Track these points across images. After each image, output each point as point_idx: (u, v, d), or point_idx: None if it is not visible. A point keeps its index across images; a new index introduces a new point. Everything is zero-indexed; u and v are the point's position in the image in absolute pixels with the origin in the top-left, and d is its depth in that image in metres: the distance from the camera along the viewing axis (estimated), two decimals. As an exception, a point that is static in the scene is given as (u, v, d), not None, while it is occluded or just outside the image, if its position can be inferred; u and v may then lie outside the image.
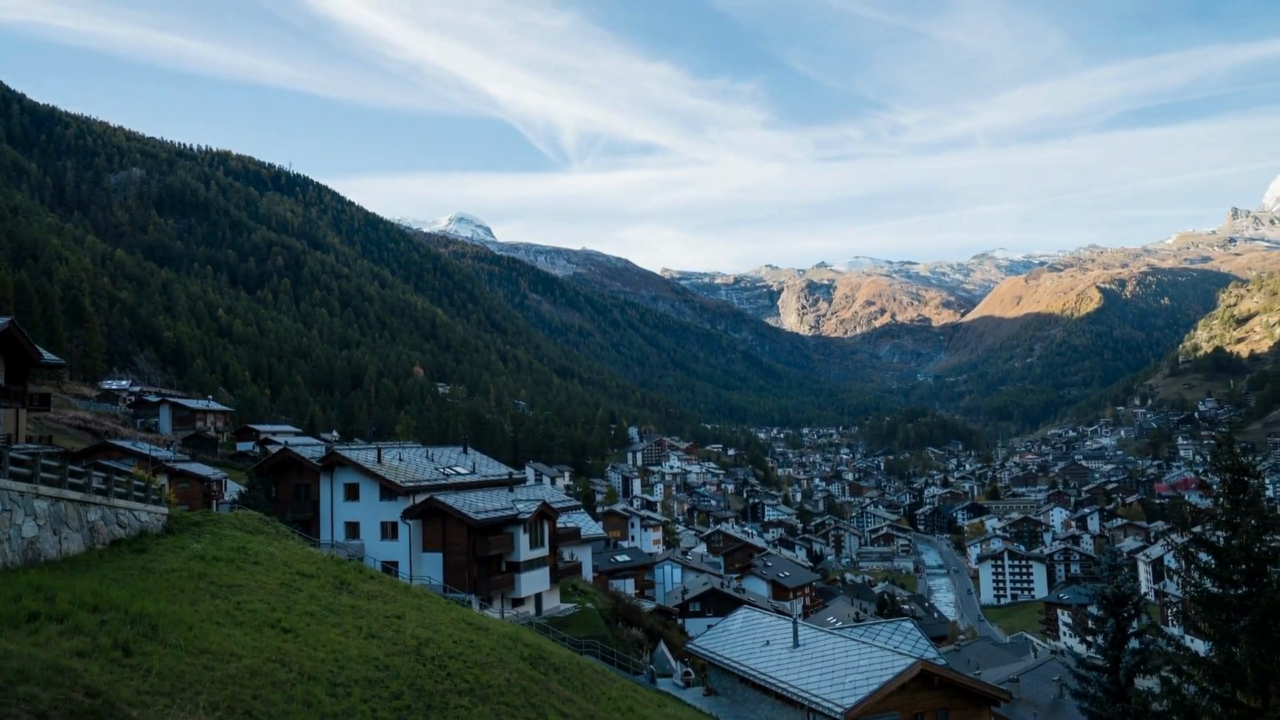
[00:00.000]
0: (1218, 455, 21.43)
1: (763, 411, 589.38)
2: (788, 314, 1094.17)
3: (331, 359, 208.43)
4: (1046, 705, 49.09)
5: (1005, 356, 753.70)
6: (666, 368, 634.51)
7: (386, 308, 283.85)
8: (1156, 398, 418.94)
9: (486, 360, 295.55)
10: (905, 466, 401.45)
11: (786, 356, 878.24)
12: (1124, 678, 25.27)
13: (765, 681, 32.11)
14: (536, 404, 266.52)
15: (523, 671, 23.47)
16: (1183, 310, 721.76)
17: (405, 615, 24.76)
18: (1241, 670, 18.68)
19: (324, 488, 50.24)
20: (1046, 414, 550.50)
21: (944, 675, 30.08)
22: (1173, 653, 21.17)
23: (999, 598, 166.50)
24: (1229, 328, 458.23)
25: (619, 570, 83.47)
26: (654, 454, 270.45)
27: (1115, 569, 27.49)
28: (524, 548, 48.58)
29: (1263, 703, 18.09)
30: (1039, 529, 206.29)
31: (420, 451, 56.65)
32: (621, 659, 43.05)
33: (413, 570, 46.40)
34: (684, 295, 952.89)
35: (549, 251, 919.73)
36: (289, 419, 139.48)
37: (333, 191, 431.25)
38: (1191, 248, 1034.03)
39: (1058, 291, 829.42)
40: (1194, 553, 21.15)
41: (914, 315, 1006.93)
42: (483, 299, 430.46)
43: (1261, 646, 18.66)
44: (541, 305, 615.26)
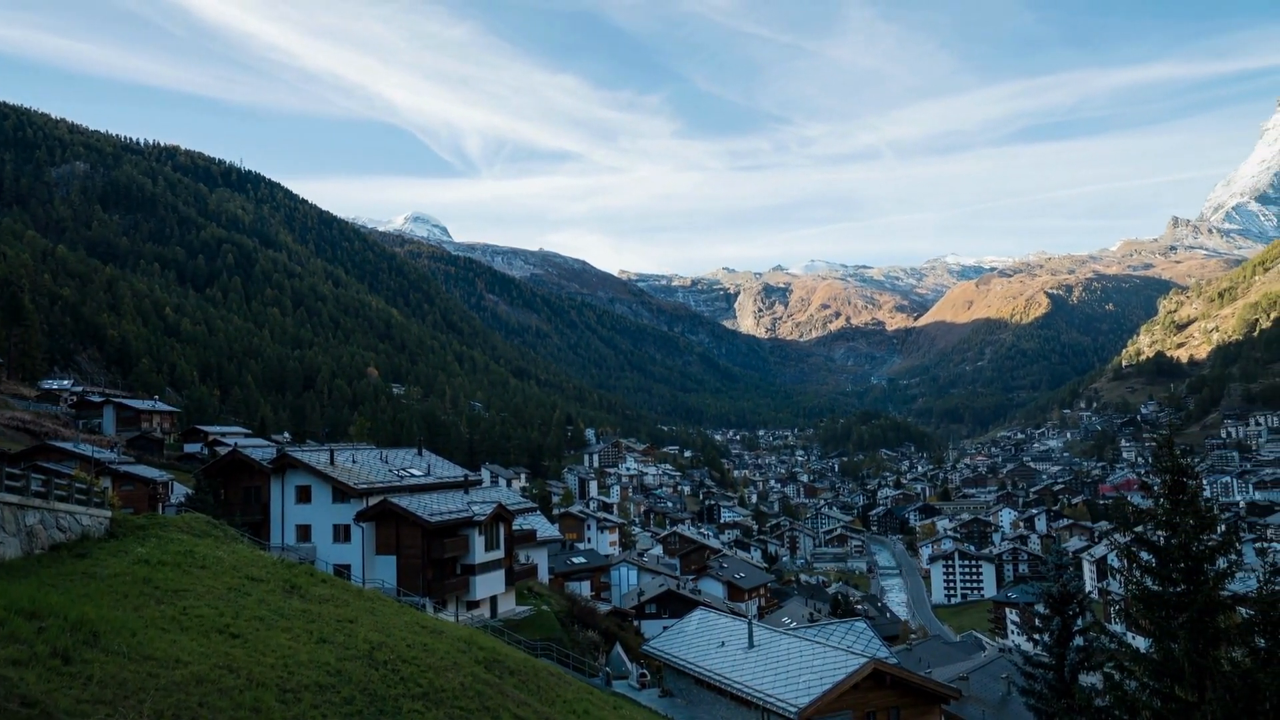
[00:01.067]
0: (1158, 457, 22.02)
1: (719, 413, 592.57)
2: (744, 317, 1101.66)
3: (283, 359, 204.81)
4: (995, 702, 50.05)
5: (957, 360, 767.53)
6: (624, 369, 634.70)
7: (340, 307, 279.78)
8: (1101, 401, 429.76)
9: (442, 361, 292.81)
10: (859, 468, 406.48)
11: (743, 359, 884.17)
12: (1069, 674, 25.86)
13: (720, 682, 32.26)
14: (493, 405, 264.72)
15: (477, 675, 23.29)
16: (1127, 316, 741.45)
17: (358, 619, 24.42)
18: (1180, 665, 19.22)
19: (275, 490, 49.34)
20: (996, 416, 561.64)
21: (896, 674, 30.51)
22: (1115, 649, 21.71)
23: (950, 597, 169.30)
24: (1170, 333, 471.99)
25: (575, 572, 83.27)
26: (611, 456, 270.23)
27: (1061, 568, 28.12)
28: (479, 550, 48.20)
29: (1199, 696, 18.63)
30: (989, 529, 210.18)
31: (374, 453, 55.93)
32: (577, 661, 42.94)
33: (366, 573, 45.77)
34: (641, 297, 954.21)
35: (506, 252, 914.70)
36: (239, 420, 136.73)
37: (285, 189, 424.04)
38: (1135, 255, 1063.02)
39: (1008, 296, 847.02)
40: (1135, 552, 21.68)
41: (868, 319, 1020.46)
42: (439, 299, 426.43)
43: (1198, 642, 19.22)
44: (498, 306, 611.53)
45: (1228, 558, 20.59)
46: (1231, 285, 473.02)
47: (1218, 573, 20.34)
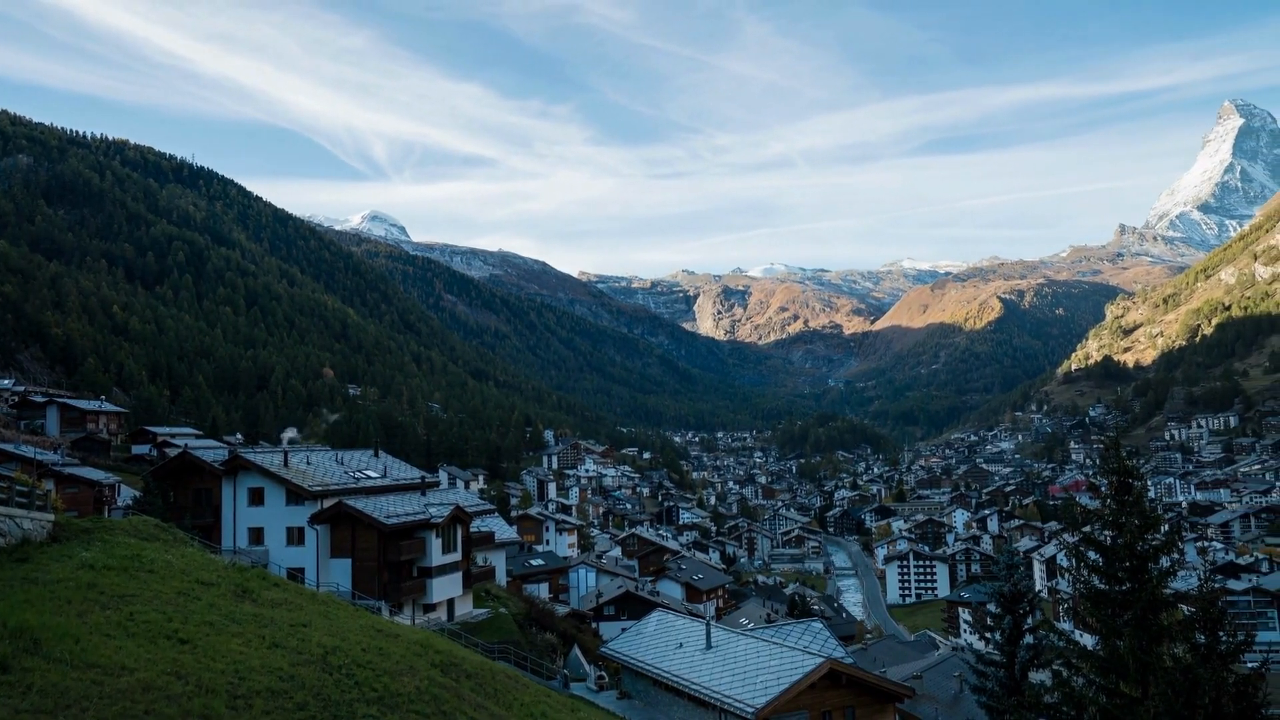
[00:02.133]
0: (1105, 459, 22.53)
1: (678, 415, 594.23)
2: (704, 319, 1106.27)
3: (236, 359, 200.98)
4: (947, 700, 50.83)
5: (912, 363, 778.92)
6: (583, 371, 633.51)
7: (295, 307, 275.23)
8: (1051, 403, 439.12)
9: (400, 362, 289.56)
10: (816, 470, 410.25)
11: (702, 361, 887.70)
12: (1019, 672, 26.36)
13: (678, 683, 32.33)
14: (451, 407, 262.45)
15: (434, 679, 23.05)
16: (1076, 320, 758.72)
17: (311, 623, 24.04)
18: (1125, 662, 19.70)
19: (226, 492, 48.40)
20: (950, 419, 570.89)
21: (851, 674, 30.85)
22: (1063, 647, 22.17)
23: (904, 597, 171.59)
24: (1117, 338, 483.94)
25: (533, 574, 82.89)
26: (570, 457, 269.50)
27: (1012, 568, 28.64)
28: (436, 553, 47.77)
29: (1143, 692, 19.11)
30: (942, 530, 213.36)
31: (329, 455, 55.13)
32: (535, 664, 42.75)
33: (320, 577, 45.09)
34: (601, 299, 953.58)
35: (465, 252, 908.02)
36: (189, 421, 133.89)
37: (239, 185, 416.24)
38: (1083, 261, 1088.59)
39: (962, 301, 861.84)
40: (1083, 551, 22.13)
41: (826, 322, 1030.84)
42: (396, 299, 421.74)
43: (1142, 639, 19.73)
44: (457, 307, 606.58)
45: (1170, 557, 21.13)
46: (1175, 292, 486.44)
47: (1161, 571, 20.87)
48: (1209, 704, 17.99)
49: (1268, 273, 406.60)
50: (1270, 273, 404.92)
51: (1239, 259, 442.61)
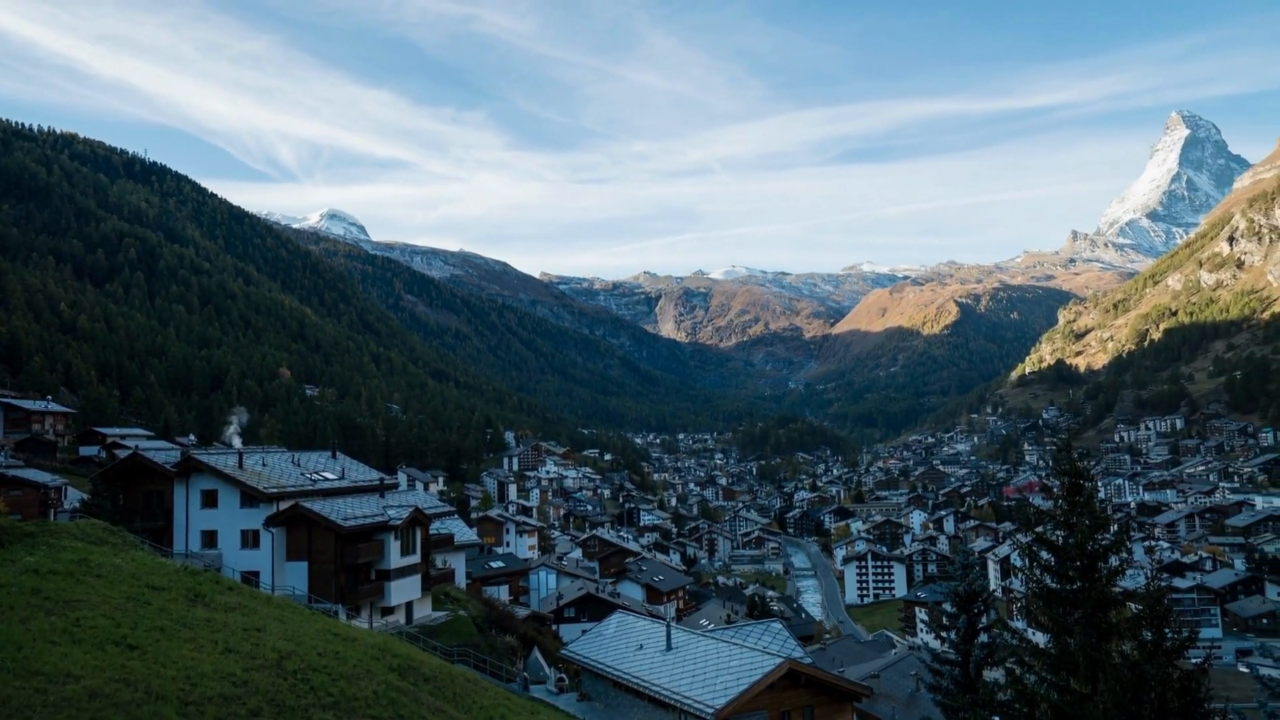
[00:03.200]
0: (1058, 460, 22.95)
1: (640, 417, 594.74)
2: (665, 321, 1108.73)
3: (189, 358, 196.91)
4: (904, 699, 51.50)
5: (871, 366, 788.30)
6: (544, 372, 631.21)
7: (251, 306, 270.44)
8: (1006, 406, 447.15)
9: (358, 362, 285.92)
10: (776, 471, 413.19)
11: (664, 363, 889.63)
12: (973, 670, 26.75)
13: (638, 685, 32.34)
14: (410, 408, 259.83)
15: (391, 683, 22.80)
16: (1030, 324, 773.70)
17: (266, 628, 23.65)
18: (1075, 659, 20.11)
19: (178, 495, 47.40)
20: (908, 421, 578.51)
21: (810, 673, 31.12)
22: (1016, 645, 22.56)
23: (863, 597, 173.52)
24: (1069, 342, 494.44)
25: (493, 576, 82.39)
26: (530, 459, 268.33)
27: (967, 568, 29.06)
28: (395, 555, 47.27)
29: (1093, 688, 19.52)
30: (900, 531, 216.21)
31: (286, 456, 54.25)
32: (495, 667, 42.49)
33: (275, 580, 44.37)
34: (563, 300, 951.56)
35: (425, 252, 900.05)
36: (140, 422, 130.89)
37: (193, 182, 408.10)
38: (1038, 266, 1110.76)
39: (920, 304, 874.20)
40: (1036, 551, 22.51)
41: (787, 324, 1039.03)
42: (355, 299, 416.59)
43: (1092, 636, 20.16)
44: (417, 307, 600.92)
45: (1119, 556, 21.59)
46: (1125, 297, 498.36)
47: (1110, 570, 21.32)
48: (1155, 699, 18.43)
49: (1212, 279, 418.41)
50: (1214, 279, 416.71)
51: (1185, 266, 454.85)
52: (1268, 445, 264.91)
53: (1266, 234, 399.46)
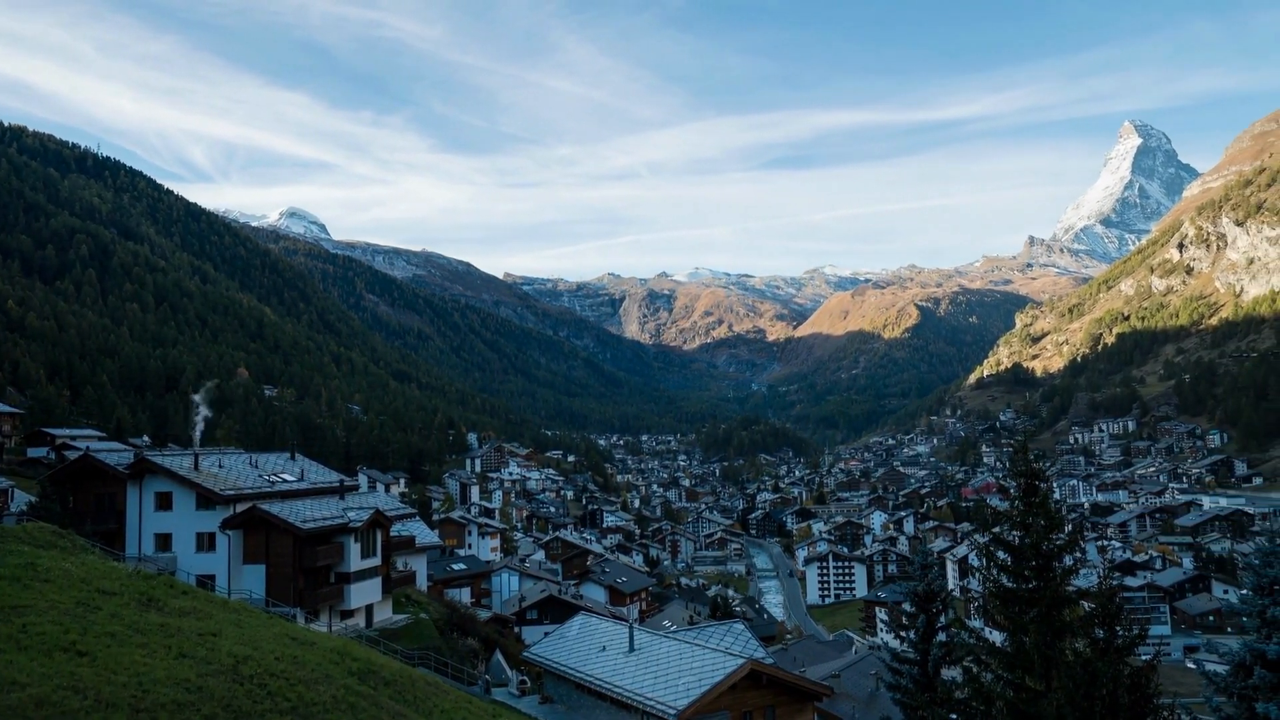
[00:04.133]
0: (1014, 462, 23.35)
1: (603, 418, 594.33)
2: (629, 322, 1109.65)
3: (144, 358, 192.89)
4: (864, 698, 52.05)
5: (833, 368, 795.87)
6: (508, 373, 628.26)
7: (208, 304, 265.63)
8: (965, 408, 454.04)
9: (319, 362, 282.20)
10: (739, 473, 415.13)
11: (628, 364, 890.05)
12: (932, 669, 27.11)
13: (601, 687, 32.29)
14: (371, 408, 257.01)
15: (350, 687, 22.52)
16: (988, 328, 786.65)
17: (222, 632, 23.23)
18: (1030, 657, 20.48)
19: (131, 497, 46.36)
20: (869, 423, 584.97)
21: (772, 674, 31.30)
22: (973, 644, 22.90)
23: (824, 597, 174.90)
24: (1026, 345, 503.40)
25: (455, 579, 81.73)
26: (493, 460, 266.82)
27: (926, 568, 29.44)
28: (355, 558, 46.70)
29: (1047, 685, 19.89)
30: (861, 531, 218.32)
31: (243, 458, 53.34)
32: (456, 670, 42.16)
33: (232, 584, 43.59)
34: (526, 301, 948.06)
35: (387, 252, 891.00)
36: (92, 423, 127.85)
37: (148, 178, 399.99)
38: (996, 271, 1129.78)
39: (881, 307, 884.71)
40: (993, 551, 22.86)
41: (750, 326, 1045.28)
42: (315, 298, 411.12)
43: (1047, 635, 20.54)
44: (379, 307, 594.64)
45: (1073, 556, 22.01)
46: (1079, 302, 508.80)
47: (1064, 569, 21.73)
48: (1106, 695, 18.82)
49: (1163, 285, 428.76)
50: (1165, 285, 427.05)
51: (1137, 271, 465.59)
52: (1214, 447, 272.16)
53: (1214, 241, 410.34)
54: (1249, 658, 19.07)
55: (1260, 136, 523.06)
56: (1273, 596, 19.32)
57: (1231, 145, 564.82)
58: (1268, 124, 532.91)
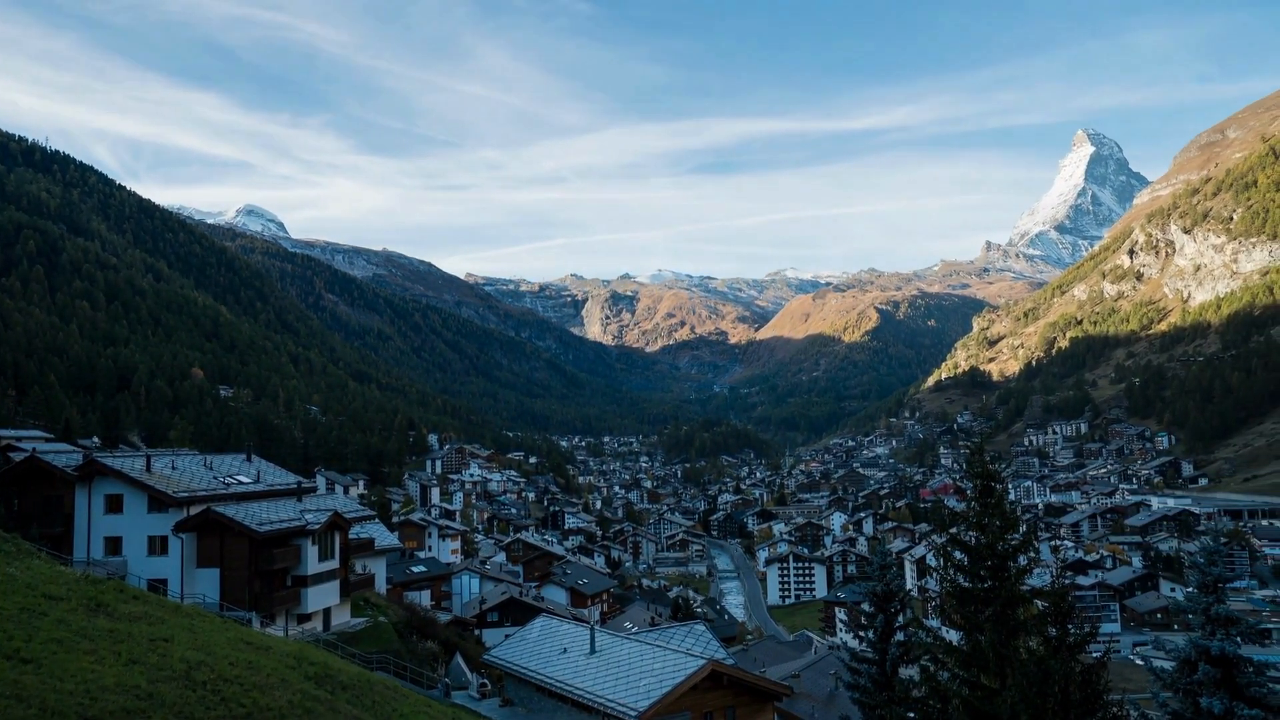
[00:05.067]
0: (970, 464, 23.71)
1: (565, 419, 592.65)
2: (592, 323, 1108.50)
3: (94, 357, 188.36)
4: (823, 697, 52.53)
5: (794, 370, 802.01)
6: (469, 374, 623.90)
7: (162, 303, 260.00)
8: (923, 410, 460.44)
9: (276, 362, 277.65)
10: (701, 474, 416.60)
11: (590, 365, 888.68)
12: (890, 668, 27.42)
13: (562, 689, 32.20)
14: (330, 409, 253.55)
15: (307, 692, 22.20)
16: (946, 331, 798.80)
17: (174, 637, 22.76)
18: (985, 655, 20.81)
19: (80, 500, 45.23)
20: (830, 424, 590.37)
21: (732, 674, 31.45)
22: (930, 643, 23.21)
23: (784, 598, 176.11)
24: (982, 349, 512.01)
25: (415, 581, 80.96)
26: (454, 462, 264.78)
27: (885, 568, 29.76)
28: (312, 561, 46.05)
29: (1001, 683, 20.23)
30: (821, 532, 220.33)
31: (197, 459, 52.33)
32: (415, 673, 41.76)
33: (185, 588, 42.74)
34: (488, 301, 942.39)
35: (348, 251, 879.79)
36: (39, 423, 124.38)
37: (99, 173, 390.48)
38: (954, 275, 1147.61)
39: (841, 310, 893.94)
40: (950, 551, 23.18)
41: (712, 328, 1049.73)
42: (273, 297, 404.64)
43: (1001, 633, 20.89)
44: (338, 306, 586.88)
45: (1027, 555, 22.40)
46: (1034, 306, 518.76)
47: (1019, 569, 22.11)
48: (1059, 692, 19.19)
49: (1114, 290, 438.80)
50: (1116, 290, 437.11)
51: (1090, 277, 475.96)
52: (1163, 449, 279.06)
53: (1163, 248, 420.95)
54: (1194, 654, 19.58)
55: (1206, 147, 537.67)
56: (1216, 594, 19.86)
57: (1179, 155, 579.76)
58: (1213, 134, 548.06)
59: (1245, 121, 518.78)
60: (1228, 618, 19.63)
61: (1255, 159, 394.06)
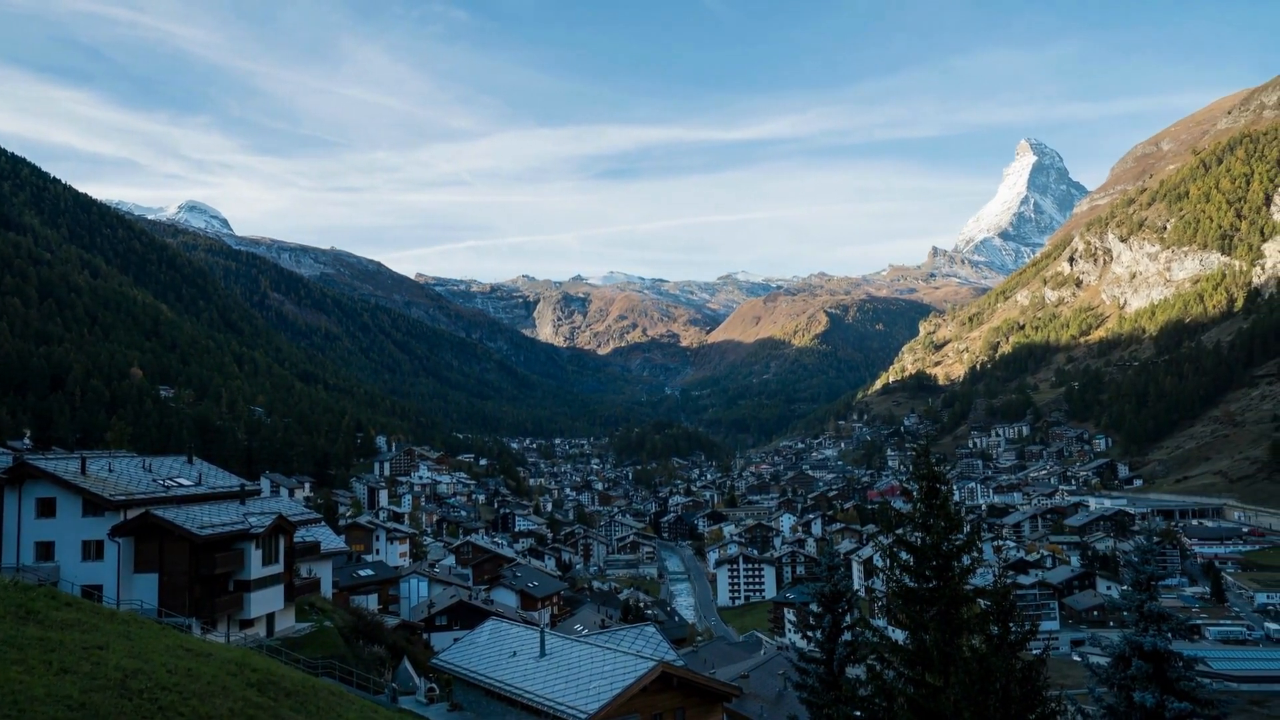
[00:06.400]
0: (916, 465, 24.08)
1: (516, 421, 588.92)
2: (543, 325, 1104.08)
3: (25, 356, 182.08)
4: (772, 697, 52.98)
5: (745, 373, 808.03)
6: (419, 375, 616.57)
7: (99, 300, 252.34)
8: (871, 413, 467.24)
9: (219, 362, 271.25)
10: (652, 476, 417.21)
11: (541, 367, 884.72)
12: (837, 668, 27.74)
13: (511, 693, 31.98)
14: (276, 410, 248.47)
15: (249, 699, 21.72)
16: (894, 335, 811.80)
17: (109, 645, 22.09)
18: (930, 654, 21.17)
19: (9, 504, 43.66)
20: (780, 427, 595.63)
21: (682, 676, 31.55)
22: (877, 642, 23.53)
23: (734, 599, 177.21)
24: (929, 352, 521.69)
25: (362, 585, 79.72)
26: (403, 464, 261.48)
27: (833, 569, 30.11)
28: (256, 565, 45.05)
29: (945, 681, 20.59)
30: (770, 534, 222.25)
31: (136, 461, 50.90)
32: (362, 679, 41.11)
33: (122, 594, 41.52)
34: (439, 302, 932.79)
35: (294, 249, 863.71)
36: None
37: (32, 165, 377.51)
38: (901, 279, 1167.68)
39: (792, 314, 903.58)
40: (896, 552, 23.50)
41: (664, 331, 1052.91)
42: (217, 296, 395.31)
43: (945, 632, 21.28)
44: (284, 306, 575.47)
45: (971, 555, 22.82)
46: (979, 311, 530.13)
47: (963, 569, 22.51)
48: (1000, 689, 19.62)
49: (1055, 296, 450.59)
50: (1057, 296, 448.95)
51: (1032, 283, 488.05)
52: (1101, 451, 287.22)
53: (1101, 256, 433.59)
54: (1128, 650, 20.19)
55: (1142, 158, 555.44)
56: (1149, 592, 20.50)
57: (1117, 165, 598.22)
58: (1148, 146, 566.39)
59: (1178, 135, 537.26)
60: (1159, 614, 20.28)
61: (1187, 171, 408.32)
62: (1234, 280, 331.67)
